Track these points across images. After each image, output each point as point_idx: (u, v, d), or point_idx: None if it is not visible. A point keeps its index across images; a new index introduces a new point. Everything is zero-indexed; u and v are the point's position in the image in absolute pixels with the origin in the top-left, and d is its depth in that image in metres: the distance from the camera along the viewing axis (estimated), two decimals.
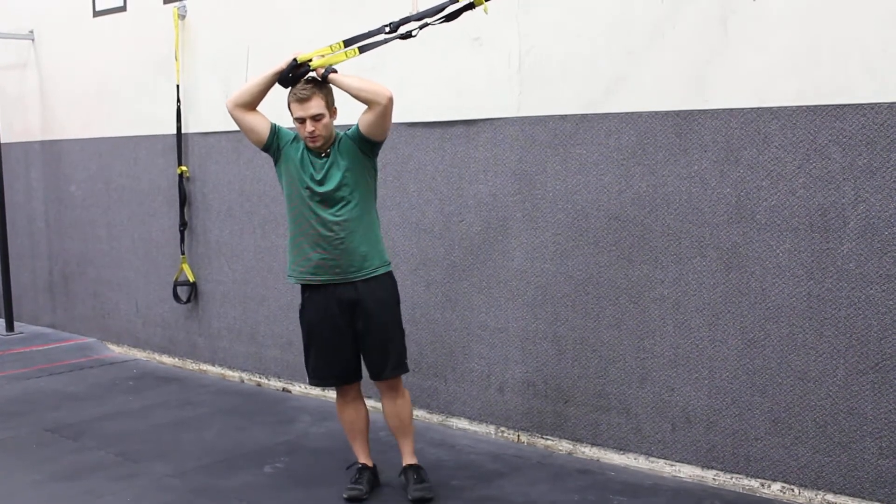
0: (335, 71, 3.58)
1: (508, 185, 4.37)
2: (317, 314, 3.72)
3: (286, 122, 3.72)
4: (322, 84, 3.57)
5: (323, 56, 3.59)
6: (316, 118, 3.53)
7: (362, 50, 3.67)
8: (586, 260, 4.14)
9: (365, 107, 3.57)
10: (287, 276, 3.79)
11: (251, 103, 3.66)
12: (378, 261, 3.69)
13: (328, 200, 3.59)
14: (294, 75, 3.58)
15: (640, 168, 3.94)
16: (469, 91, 4.49)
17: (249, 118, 3.68)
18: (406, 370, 3.82)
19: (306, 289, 3.75)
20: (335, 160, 3.60)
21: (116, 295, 6.73)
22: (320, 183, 3.59)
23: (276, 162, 3.73)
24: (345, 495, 3.77)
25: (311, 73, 3.58)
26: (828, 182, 3.46)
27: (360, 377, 3.83)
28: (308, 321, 3.77)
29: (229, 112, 3.70)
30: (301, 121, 3.55)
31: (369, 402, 4.11)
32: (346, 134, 3.64)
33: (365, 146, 3.62)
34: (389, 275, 3.77)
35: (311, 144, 3.60)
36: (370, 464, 3.90)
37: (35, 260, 7.53)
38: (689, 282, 3.85)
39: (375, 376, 3.78)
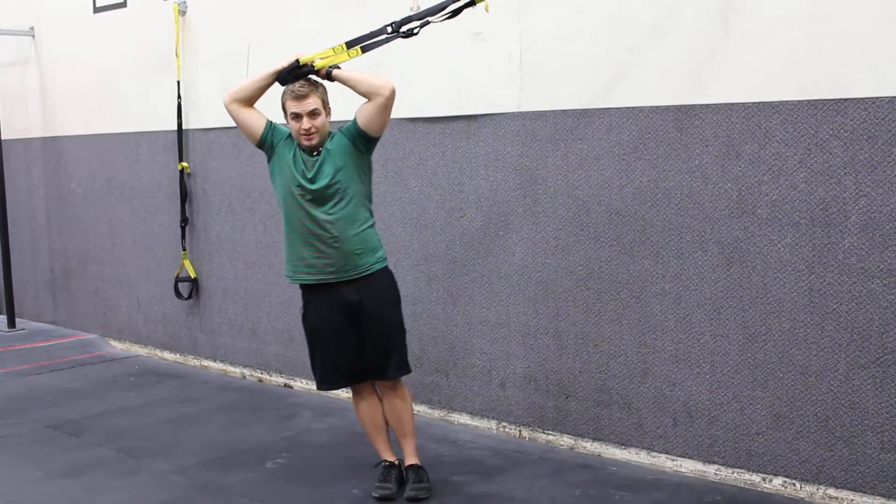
0: (338, 67, 3.58)
1: (509, 180, 4.37)
2: (320, 318, 3.69)
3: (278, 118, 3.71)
4: (318, 83, 3.57)
5: (324, 58, 3.58)
6: (313, 114, 3.52)
7: (365, 50, 3.67)
8: (587, 255, 4.14)
9: (364, 101, 3.56)
10: (284, 276, 3.78)
11: (248, 100, 3.66)
12: (372, 258, 3.65)
13: (320, 198, 3.55)
14: (294, 74, 3.57)
15: (640, 163, 3.94)
16: (470, 86, 4.49)
17: (245, 113, 3.68)
18: (408, 371, 3.80)
19: (306, 291, 3.72)
20: (326, 157, 3.57)
21: (118, 291, 6.74)
22: (311, 181, 3.56)
23: (269, 159, 3.70)
24: (375, 494, 3.74)
25: (312, 76, 3.57)
26: (829, 176, 3.46)
27: (370, 374, 3.79)
28: (311, 326, 3.74)
29: (225, 107, 3.70)
30: (297, 118, 3.53)
31: None
32: (339, 130, 3.62)
33: (361, 142, 3.59)
34: (387, 272, 3.73)
35: (305, 143, 3.56)
36: (395, 460, 3.86)
37: (36, 257, 7.53)
38: (690, 276, 3.84)
39: (378, 376, 3.76)
